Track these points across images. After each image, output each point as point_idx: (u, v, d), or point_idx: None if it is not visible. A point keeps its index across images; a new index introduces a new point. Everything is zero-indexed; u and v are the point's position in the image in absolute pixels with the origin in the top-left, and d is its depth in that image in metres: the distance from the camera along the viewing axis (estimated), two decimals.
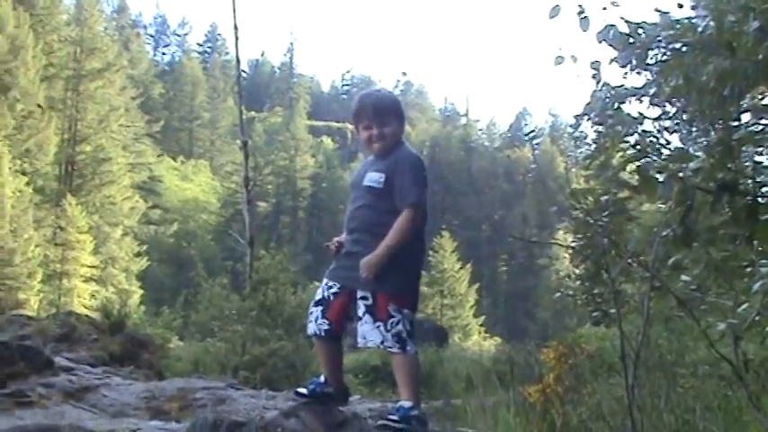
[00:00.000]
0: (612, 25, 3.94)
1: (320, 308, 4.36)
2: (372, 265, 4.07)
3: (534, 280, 75.37)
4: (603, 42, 3.99)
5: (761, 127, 4.25)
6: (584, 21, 3.80)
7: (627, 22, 4.00)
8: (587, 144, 7.67)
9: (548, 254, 72.75)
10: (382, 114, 4.34)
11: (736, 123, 4.34)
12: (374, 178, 4.27)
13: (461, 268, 63.05)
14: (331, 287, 4.35)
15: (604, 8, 3.89)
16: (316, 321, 4.36)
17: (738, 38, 3.21)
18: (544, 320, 56.64)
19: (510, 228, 64.03)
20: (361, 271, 4.09)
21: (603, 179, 5.43)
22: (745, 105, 4.15)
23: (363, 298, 4.17)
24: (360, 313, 4.19)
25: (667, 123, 5.42)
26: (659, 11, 4.02)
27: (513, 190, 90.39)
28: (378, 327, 4.12)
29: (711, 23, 3.73)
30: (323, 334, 4.33)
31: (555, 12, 3.81)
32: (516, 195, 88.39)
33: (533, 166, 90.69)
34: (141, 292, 47.93)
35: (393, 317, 4.11)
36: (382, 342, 4.11)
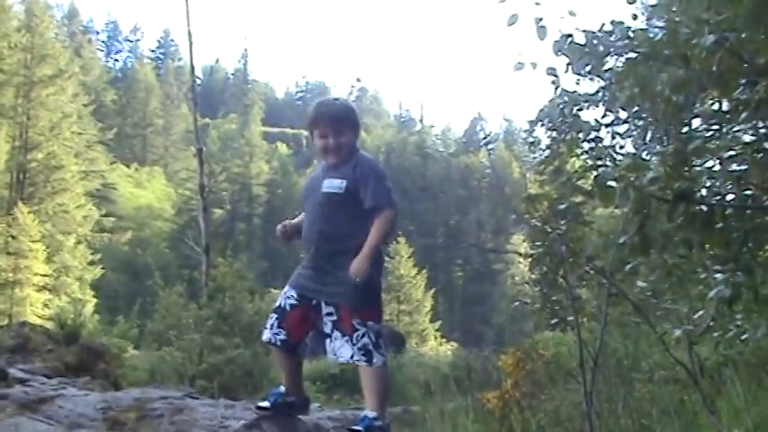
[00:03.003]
0: (569, 35, 3.96)
1: (275, 316, 4.33)
2: (361, 270, 4.05)
3: (490, 285, 75.63)
4: (560, 53, 4.00)
5: (711, 132, 4.32)
6: (541, 30, 3.82)
7: (583, 31, 4.02)
8: (541, 149, 7.76)
9: (503, 259, 72.99)
10: (338, 124, 4.30)
11: (686, 130, 4.40)
12: (335, 185, 4.22)
13: (417, 274, 63.14)
14: (289, 297, 4.30)
15: (562, 17, 3.90)
16: (271, 329, 4.31)
17: (693, 48, 3.26)
18: (500, 325, 56.87)
19: (465, 233, 63.99)
20: (352, 272, 4.05)
21: (557, 184, 5.47)
22: (695, 111, 4.21)
23: (329, 314, 4.15)
24: (327, 330, 4.17)
25: (621, 129, 5.48)
26: (615, 22, 4.05)
27: (468, 195, 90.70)
28: (347, 341, 4.12)
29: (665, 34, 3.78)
30: (278, 344, 4.30)
31: (513, 20, 3.82)
32: (472, 201, 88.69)
33: (488, 171, 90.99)
34: (95, 300, 47.15)
35: (357, 330, 4.10)
36: (352, 356, 4.10)
